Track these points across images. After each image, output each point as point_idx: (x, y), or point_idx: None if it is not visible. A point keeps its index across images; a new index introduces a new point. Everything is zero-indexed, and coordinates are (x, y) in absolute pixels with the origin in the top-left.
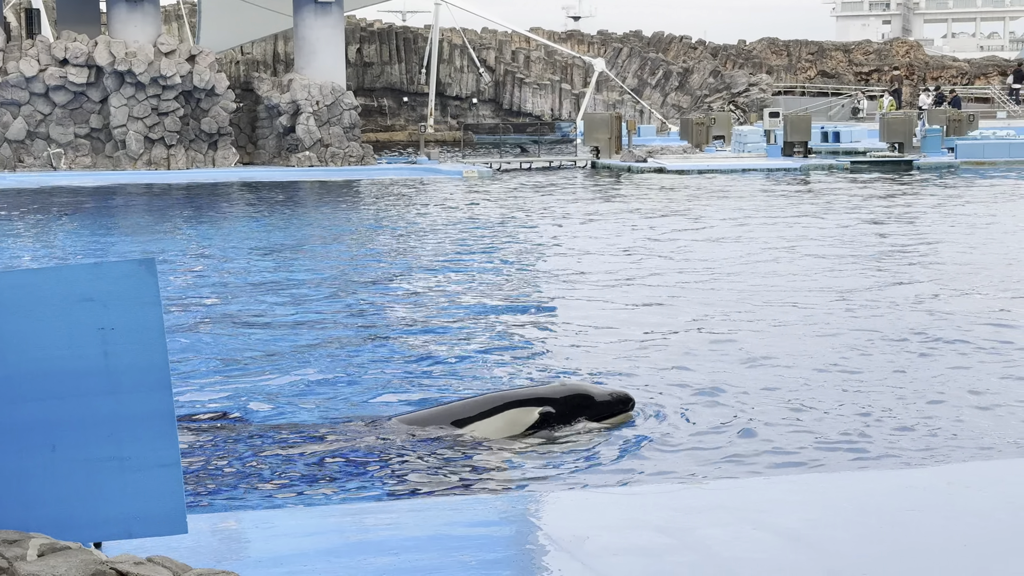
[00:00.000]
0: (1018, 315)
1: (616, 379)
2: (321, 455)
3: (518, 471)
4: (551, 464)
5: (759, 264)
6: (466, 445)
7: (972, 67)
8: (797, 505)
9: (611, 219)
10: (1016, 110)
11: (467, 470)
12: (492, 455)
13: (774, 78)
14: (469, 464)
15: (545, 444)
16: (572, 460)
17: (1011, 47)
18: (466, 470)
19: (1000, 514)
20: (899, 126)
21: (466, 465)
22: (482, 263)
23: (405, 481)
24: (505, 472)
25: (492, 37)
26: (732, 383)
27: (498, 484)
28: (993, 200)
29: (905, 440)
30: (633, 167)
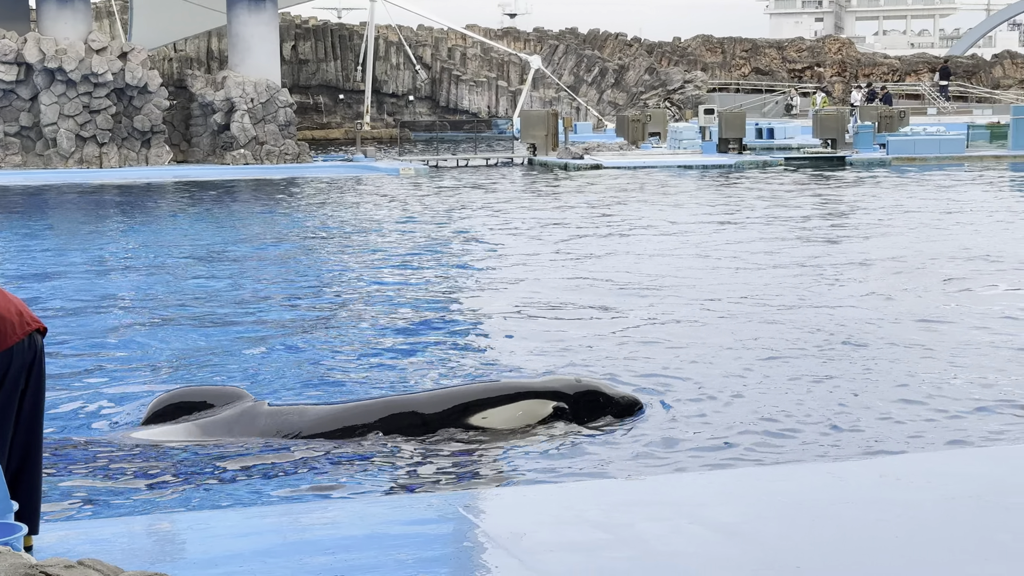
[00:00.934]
0: (946, 310)
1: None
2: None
3: (456, 467)
4: (490, 461)
5: (696, 260)
6: (476, 439)
7: (903, 64)
8: (732, 499)
9: (548, 215)
10: (946, 106)
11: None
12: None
13: (709, 75)
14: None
15: (541, 439)
16: (510, 457)
17: (941, 44)
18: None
19: (930, 506)
20: (832, 123)
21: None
22: (419, 260)
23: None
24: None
25: (428, 34)
26: (668, 379)
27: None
28: (923, 196)
29: (837, 434)
30: (570, 164)
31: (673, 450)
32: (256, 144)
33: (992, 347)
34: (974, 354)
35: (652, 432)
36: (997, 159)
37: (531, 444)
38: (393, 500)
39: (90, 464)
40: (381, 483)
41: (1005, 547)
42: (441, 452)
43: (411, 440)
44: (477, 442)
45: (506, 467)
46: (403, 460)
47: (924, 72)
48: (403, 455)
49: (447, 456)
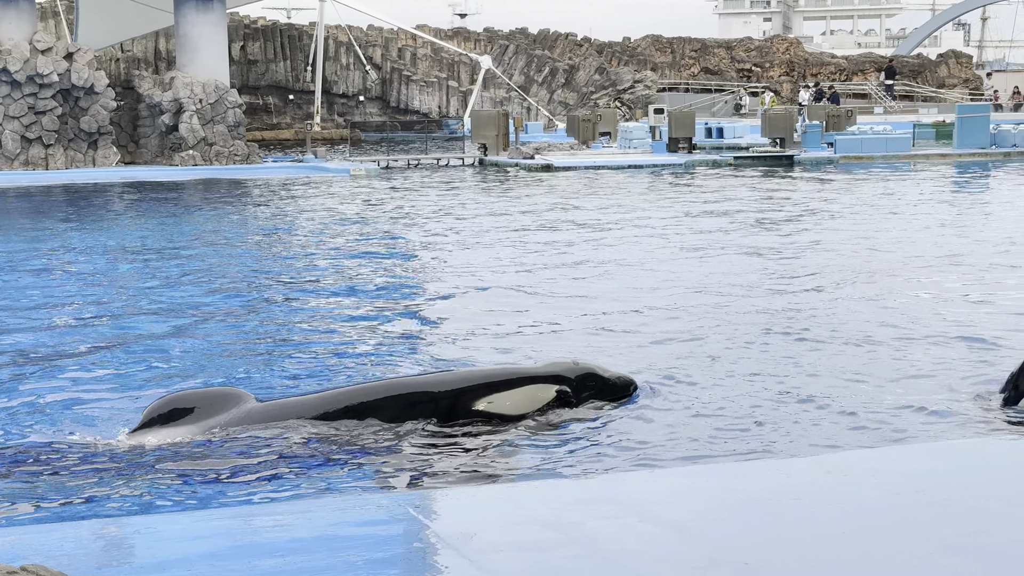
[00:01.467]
0: (892, 307)
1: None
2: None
3: (410, 466)
4: (438, 460)
5: (646, 259)
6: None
7: (850, 63)
8: (681, 497)
9: (500, 215)
10: (892, 105)
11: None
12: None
13: (659, 75)
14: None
15: (541, 426)
16: (461, 456)
17: (887, 44)
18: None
19: (876, 502)
20: (780, 122)
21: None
22: (370, 259)
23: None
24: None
25: (378, 34)
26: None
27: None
28: (870, 194)
29: (785, 430)
30: (521, 164)
31: (623, 449)
32: (205, 145)
33: (937, 343)
34: (920, 351)
35: (601, 431)
36: (942, 157)
37: (483, 442)
38: (343, 501)
39: (43, 469)
40: (332, 483)
41: (952, 541)
42: (392, 451)
43: (361, 438)
44: (430, 439)
45: (457, 466)
46: (354, 460)
47: (871, 72)
48: (354, 455)
49: (398, 455)
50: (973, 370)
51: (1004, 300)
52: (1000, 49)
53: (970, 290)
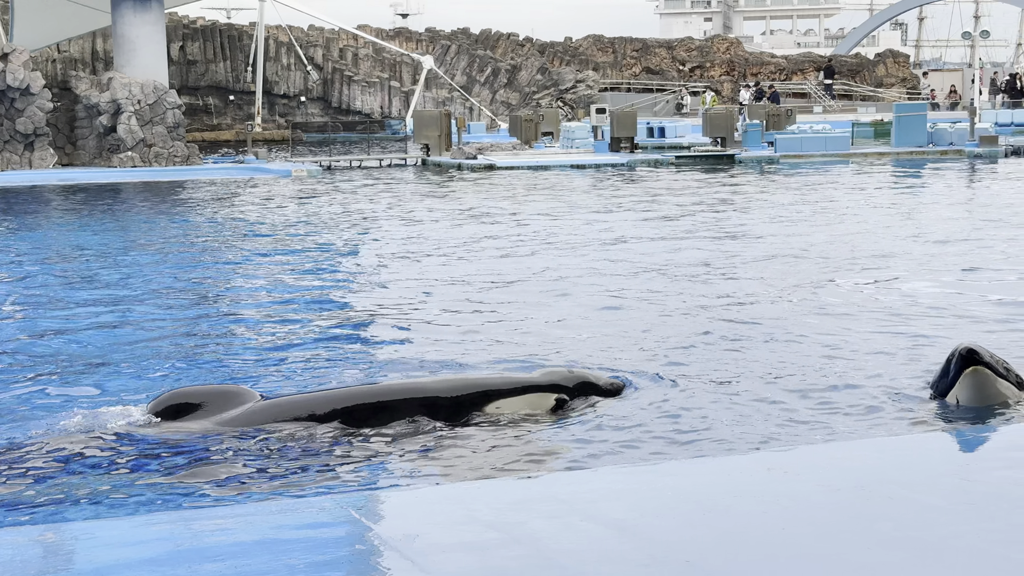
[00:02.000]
0: (831, 304)
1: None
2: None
3: (354, 468)
4: (383, 462)
5: (590, 258)
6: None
7: (789, 63)
8: (624, 495)
9: (442, 215)
10: (831, 105)
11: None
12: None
13: (600, 75)
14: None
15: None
16: (404, 457)
17: (826, 43)
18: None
19: (815, 498)
20: (721, 121)
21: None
22: (314, 260)
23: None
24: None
25: (319, 34)
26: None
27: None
28: (810, 192)
29: (727, 428)
30: (463, 164)
31: (566, 447)
32: (144, 146)
33: (875, 339)
34: (858, 347)
35: (543, 432)
36: (881, 156)
37: (425, 443)
38: (285, 504)
39: None
40: (275, 486)
41: (888, 535)
42: (335, 453)
43: (304, 440)
44: (376, 441)
45: (401, 467)
46: (296, 462)
47: (810, 71)
48: (297, 457)
49: (341, 457)
50: (912, 366)
51: (939, 295)
52: (937, 48)
53: (906, 286)
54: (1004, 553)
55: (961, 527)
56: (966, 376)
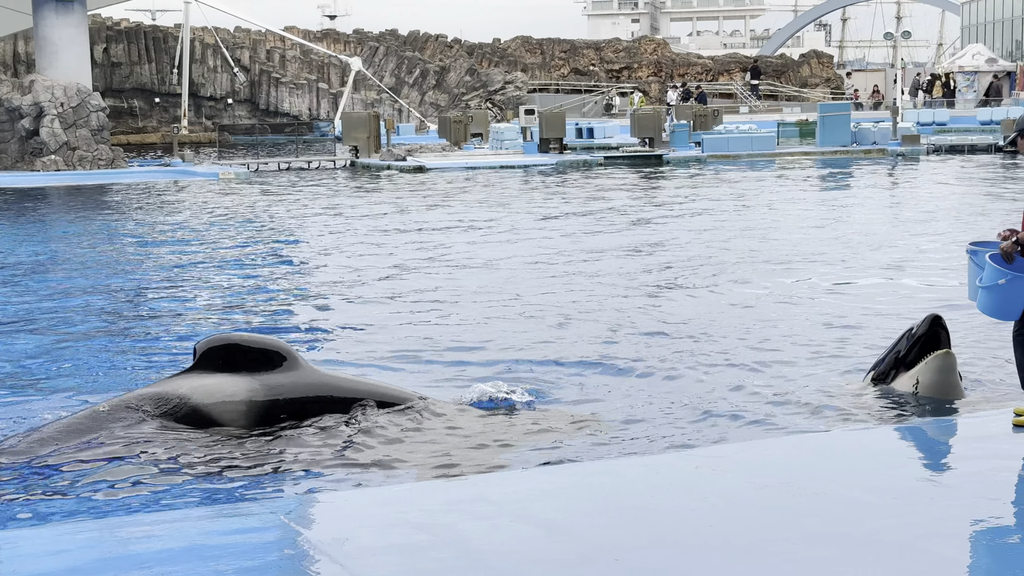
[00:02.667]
0: (756, 303)
1: (379, 374)
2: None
3: (284, 471)
4: (312, 466)
5: (518, 259)
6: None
7: (716, 64)
8: (553, 495)
9: (371, 217)
10: (757, 105)
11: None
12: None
13: (529, 76)
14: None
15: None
16: (332, 462)
17: (752, 44)
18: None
19: (744, 494)
20: (648, 122)
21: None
22: (241, 262)
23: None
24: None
25: (246, 36)
26: (491, 377)
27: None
28: (737, 191)
29: (656, 426)
30: (393, 166)
31: (495, 450)
32: (68, 150)
33: (801, 336)
34: (785, 343)
35: (473, 433)
36: (806, 155)
37: (354, 447)
38: (214, 510)
39: None
40: (204, 492)
41: (815, 530)
42: (264, 457)
43: (233, 445)
44: (306, 444)
45: (330, 471)
46: (226, 467)
47: (736, 72)
48: (226, 461)
49: (270, 462)
50: (838, 362)
51: (864, 293)
52: (860, 49)
53: (832, 282)
54: (926, 547)
55: (886, 521)
56: (936, 358)
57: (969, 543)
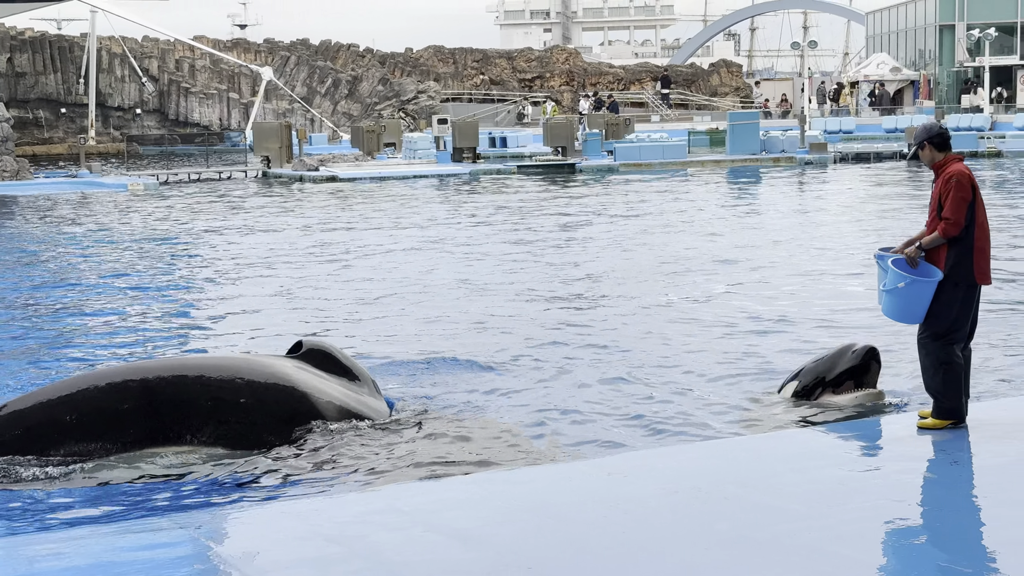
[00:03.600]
0: (667, 311)
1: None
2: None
3: (195, 486)
4: (223, 480)
5: (431, 267)
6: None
7: (627, 73)
8: (466, 505)
9: (283, 228)
10: (668, 114)
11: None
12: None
13: (442, 85)
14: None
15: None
16: (243, 475)
17: (663, 54)
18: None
19: (656, 501)
20: (561, 131)
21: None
22: (150, 274)
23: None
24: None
25: (154, 45)
26: (401, 388)
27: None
28: (649, 199)
29: (569, 434)
30: (305, 176)
31: (409, 459)
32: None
33: (712, 345)
34: (695, 352)
35: (384, 444)
36: (716, 163)
37: (266, 460)
38: (122, 526)
39: None
40: (115, 507)
41: (726, 536)
42: (176, 471)
43: (146, 457)
44: (215, 459)
45: (241, 485)
46: (137, 480)
47: (647, 81)
48: (139, 475)
49: (182, 476)
50: (747, 369)
51: (773, 298)
52: (768, 58)
53: (742, 290)
54: (835, 549)
55: (795, 524)
56: (869, 396)
57: (876, 545)
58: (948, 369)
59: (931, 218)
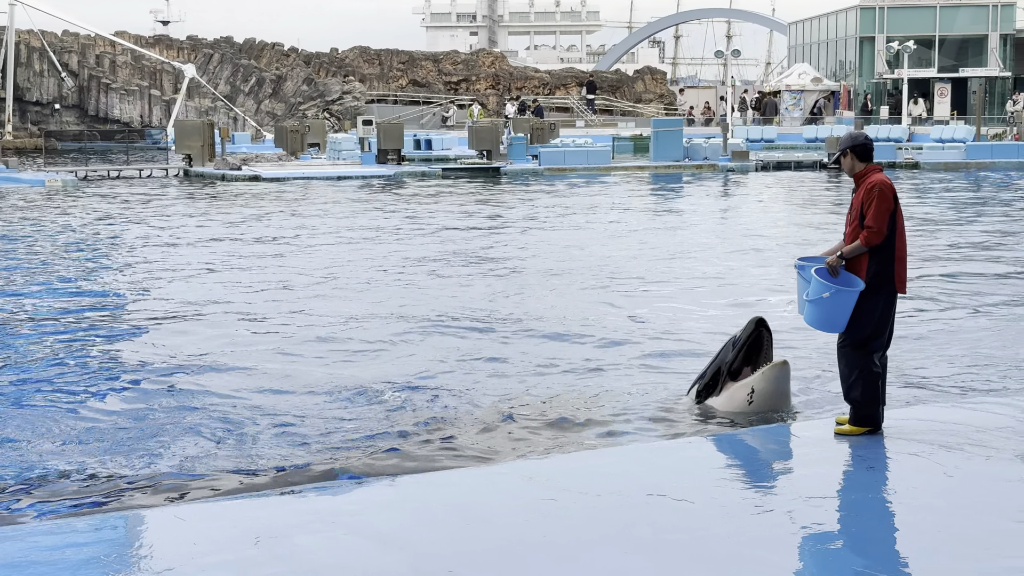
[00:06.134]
0: (589, 312)
1: (197, 382)
2: None
3: (113, 485)
4: (142, 480)
5: (352, 269)
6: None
7: (553, 78)
8: (388, 507)
9: (202, 227)
10: (593, 119)
11: None
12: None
13: (367, 86)
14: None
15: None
16: (161, 475)
17: (588, 59)
18: None
19: (576, 505)
20: (486, 134)
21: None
22: (63, 272)
23: None
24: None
25: (74, 40)
26: (313, 392)
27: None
28: (572, 204)
29: (490, 438)
30: (227, 175)
31: (325, 460)
32: None
33: (631, 348)
34: (614, 358)
35: (306, 444)
36: (640, 169)
37: (184, 460)
38: (36, 526)
39: None
40: (30, 506)
41: (646, 540)
42: (93, 471)
43: (64, 455)
44: (131, 458)
45: (159, 484)
46: (55, 480)
47: (573, 86)
48: (55, 474)
49: (99, 475)
50: (664, 374)
51: (692, 303)
52: (692, 66)
53: (661, 294)
54: (754, 553)
55: (716, 529)
56: (774, 367)
57: (794, 549)
58: (867, 377)
59: (852, 227)
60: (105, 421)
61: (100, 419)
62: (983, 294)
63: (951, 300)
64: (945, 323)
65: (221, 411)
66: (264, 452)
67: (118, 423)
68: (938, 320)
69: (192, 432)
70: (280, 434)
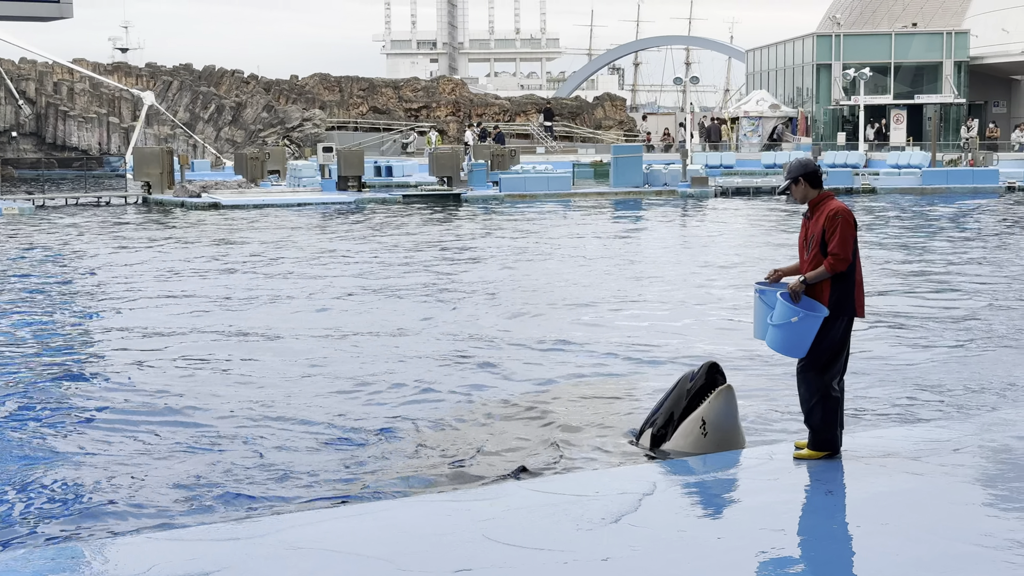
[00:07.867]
0: (542, 338)
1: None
2: None
3: (68, 513)
4: (96, 507)
5: (310, 296)
6: None
7: (513, 105)
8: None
9: (160, 255)
10: (553, 146)
11: None
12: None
13: (327, 113)
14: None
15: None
16: (117, 504)
17: (548, 86)
18: None
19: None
20: (447, 161)
21: None
22: (23, 302)
23: None
24: None
25: (31, 67)
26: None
27: None
28: (532, 230)
29: (414, 470)
30: (187, 202)
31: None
32: None
33: (585, 385)
34: (568, 393)
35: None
36: (600, 195)
37: (138, 486)
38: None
39: None
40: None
41: (609, 568)
42: (47, 499)
43: (14, 486)
44: (86, 486)
45: (115, 512)
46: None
47: (533, 113)
48: (11, 501)
49: (54, 503)
50: (615, 409)
51: (650, 331)
52: (652, 93)
53: (618, 323)
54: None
55: (674, 555)
56: (720, 393)
57: (754, 574)
58: (826, 401)
59: (811, 254)
60: (57, 458)
61: (55, 455)
62: (937, 319)
63: (906, 323)
64: (903, 346)
65: (172, 441)
66: (220, 478)
67: (72, 458)
68: (897, 343)
69: (149, 463)
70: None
